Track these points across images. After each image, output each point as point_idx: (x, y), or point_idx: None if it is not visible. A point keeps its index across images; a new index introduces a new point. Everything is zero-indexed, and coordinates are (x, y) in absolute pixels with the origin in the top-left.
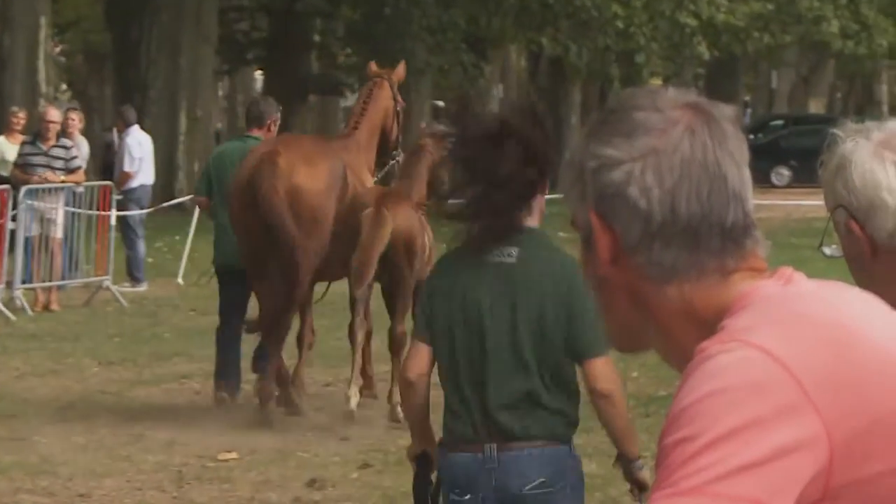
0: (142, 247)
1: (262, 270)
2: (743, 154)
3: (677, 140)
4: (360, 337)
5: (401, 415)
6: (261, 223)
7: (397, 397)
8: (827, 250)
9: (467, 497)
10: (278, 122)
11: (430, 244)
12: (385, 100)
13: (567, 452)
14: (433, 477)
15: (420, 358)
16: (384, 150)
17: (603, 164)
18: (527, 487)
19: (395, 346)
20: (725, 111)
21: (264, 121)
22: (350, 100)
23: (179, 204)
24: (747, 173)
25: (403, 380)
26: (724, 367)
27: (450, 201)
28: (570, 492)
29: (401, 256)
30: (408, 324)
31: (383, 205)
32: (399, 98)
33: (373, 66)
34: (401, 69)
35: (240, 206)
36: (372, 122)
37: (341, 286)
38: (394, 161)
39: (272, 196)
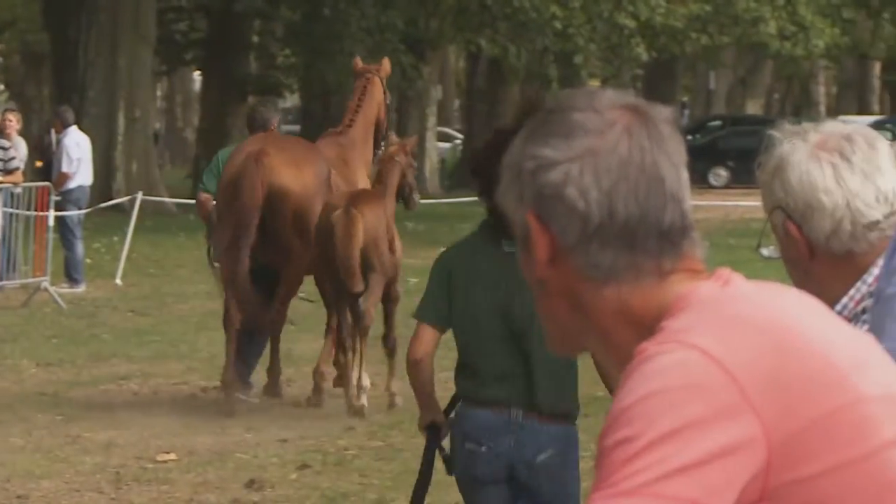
0: (80, 248)
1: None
2: (680, 156)
3: (615, 141)
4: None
5: (399, 402)
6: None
7: (394, 387)
8: (765, 251)
9: (483, 448)
10: (279, 125)
11: (398, 246)
12: (378, 95)
13: (575, 430)
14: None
15: (426, 340)
16: (377, 144)
17: (541, 165)
18: (540, 456)
19: (360, 326)
20: (663, 113)
21: (269, 125)
22: (289, 100)
23: (118, 204)
24: (685, 175)
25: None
26: (663, 369)
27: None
28: (572, 465)
29: (369, 256)
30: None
31: (353, 205)
32: (387, 92)
33: (359, 63)
34: (386, 64)
35: (225, 203)
36: (367, 118)
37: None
38: (379, 152)
39: (250, 195)
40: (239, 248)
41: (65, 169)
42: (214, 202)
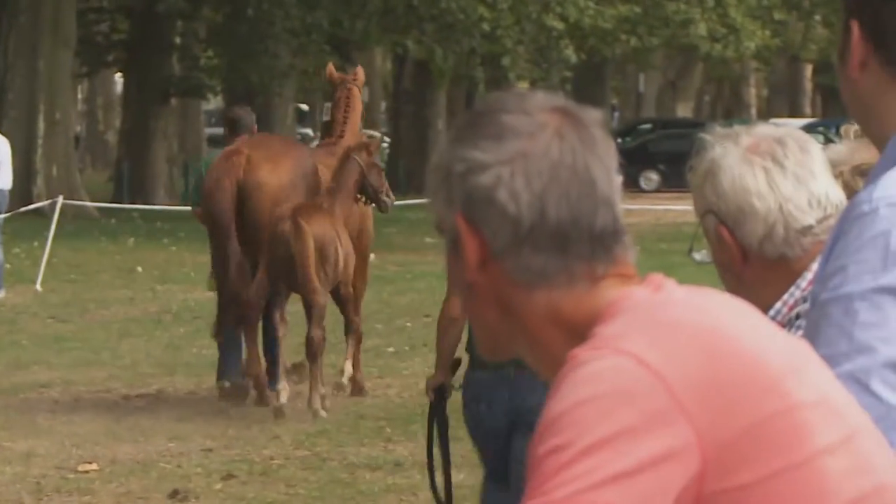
0: None
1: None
2: (612, 159)
3: (546, 144)
4: (317, 347)
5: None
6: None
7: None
8: (697, 256)
9: (482, 406)
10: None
11: (346, 252)
12: (359, 104)
13: None
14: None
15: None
16: None
17: (471, 168)
18: (535, 400)
19: (311, 349)
20: (593, 115)
21: (251, 128)
22: (213, 102)
23: (38, 209)
24: (617, 178)
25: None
26: (594, 375)
27: None
28: None
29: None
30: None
31: (298, 216)
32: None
33: (333, 70)
34: (361, 73)
35: (206, 207)
36: (354, 128)
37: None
38: None
39: (223, 196)
40: (223, 250)
41: None
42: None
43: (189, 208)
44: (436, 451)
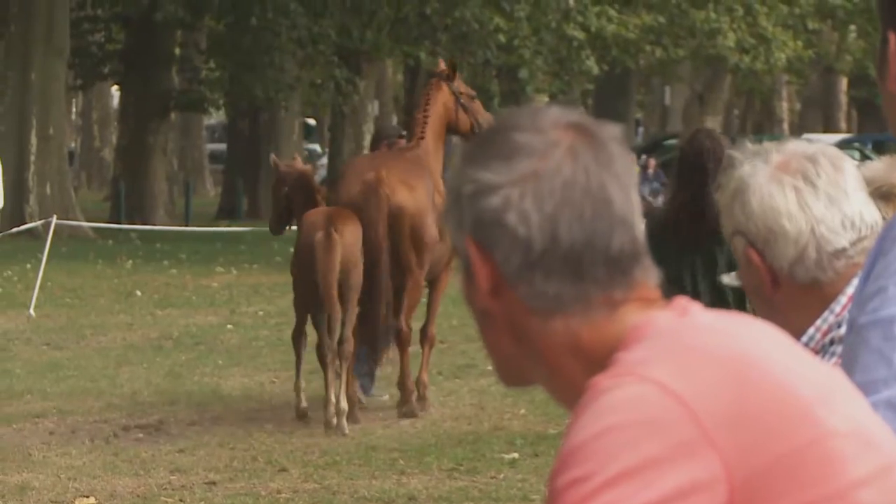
0: None
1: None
2: (630, 177)
3: (558, 163)
4: (331, 358)
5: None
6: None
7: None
8: (725, 278)
9: None
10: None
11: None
12: (444, 98)
13: None
14: None
15: None
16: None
17: (479, 189)
18: None
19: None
20: (611, 131)
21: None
22: (214, 117)
23: (31, 229)
24: (636, 197)
25: None
26: (618, 403)
27: None
28: None
29: (347, 277)
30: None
31: (332, 227)
32: (463, 89)
33: (441, 64)
34: (441, 64)
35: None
36: (435, 128)
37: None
38: None
39: (376, 232)
40: (378, 285)
41: None
42: None
43: (189, 228)
44: None
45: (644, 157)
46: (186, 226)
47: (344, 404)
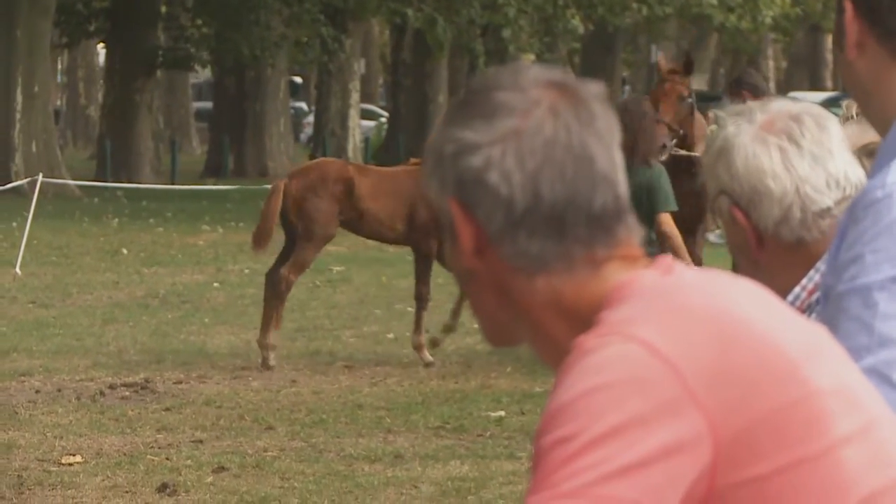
0: None
1: None
2: (613, 135)
3: (540, 121)
4: None
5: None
6: None
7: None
8: (711, 237)
9: None
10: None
11: None
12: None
13: None
14: None
15: None
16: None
17: (461, 149)
18: None
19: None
20: (593, 89)
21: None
22: (200, 75)
23: (16, 187)
24: (618, 155)
25: None
26: (603, 362)
27: None
28: None
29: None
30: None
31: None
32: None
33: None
34: (664, 62)
35: None
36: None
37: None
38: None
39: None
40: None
41: None
42: None
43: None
44: None
45: None
46: (172, 184)
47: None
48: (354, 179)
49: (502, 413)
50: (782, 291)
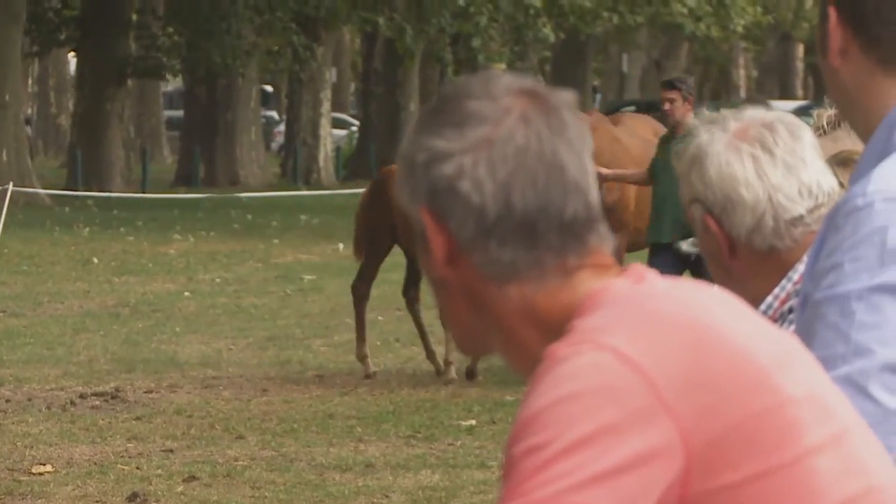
0: None
1: None
2: (584, 143)
3: (511, 129)
4: None
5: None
6: None
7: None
8: (684, 245)
9: None
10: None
11: None
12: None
13: None
14: None
15: None
16: None
17: (433, 158)
18: None
19: None
20: (564, 98)
21: None
22: (171, 83)
23: None
24: (590, 164)
25: None
26: (575, 371)
27: None
28: None
29: None
30: None
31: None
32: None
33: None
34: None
35: None
36: None
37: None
38: None
39: None
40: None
41: None
42: None
43: (146, 195)
44: None
45: None
46: (143, 193)
47: None
48: None
49: (473, 422)
50: (755, 300)
